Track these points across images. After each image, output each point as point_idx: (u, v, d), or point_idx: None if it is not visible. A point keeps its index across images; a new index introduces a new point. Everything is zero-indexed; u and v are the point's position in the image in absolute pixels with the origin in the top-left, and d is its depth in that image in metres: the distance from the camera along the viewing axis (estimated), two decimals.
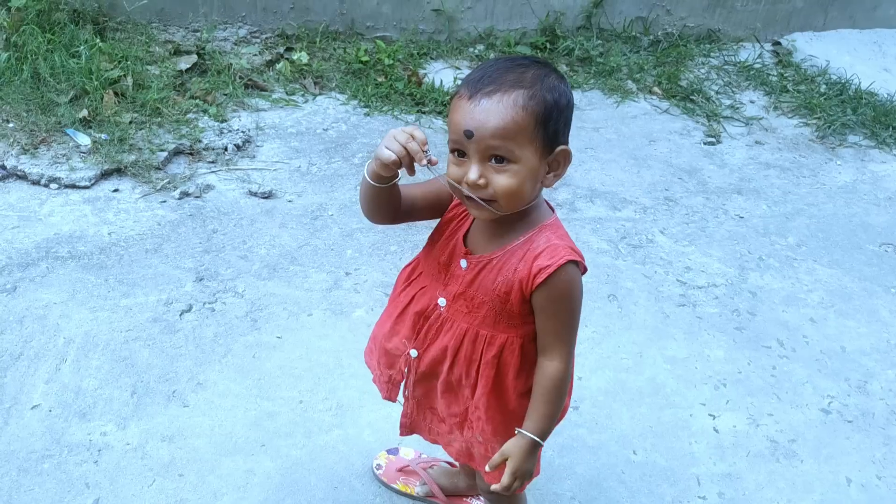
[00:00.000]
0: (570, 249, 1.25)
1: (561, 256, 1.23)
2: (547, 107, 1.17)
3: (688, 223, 3.05)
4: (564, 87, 1.21)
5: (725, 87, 4.14)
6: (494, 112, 1.15)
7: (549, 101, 1.17)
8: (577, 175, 3.24)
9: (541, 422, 1.33)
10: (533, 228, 1.28)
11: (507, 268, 1.27)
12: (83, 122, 2.82)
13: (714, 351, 2.43)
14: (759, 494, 2.01)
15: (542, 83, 1.17)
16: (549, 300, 1.26)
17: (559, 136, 1.21)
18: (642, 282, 2.68)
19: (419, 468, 1.84)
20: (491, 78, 1.17)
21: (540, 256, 1.24)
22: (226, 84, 3.26)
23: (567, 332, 1.31)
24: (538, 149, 1.18)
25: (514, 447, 1.33)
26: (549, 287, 1.24)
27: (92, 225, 2.50)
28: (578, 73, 4.01)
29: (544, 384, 1.32)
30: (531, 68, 1.19)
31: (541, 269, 1.23)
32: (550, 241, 1.26)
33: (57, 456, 1.80)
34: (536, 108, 1.16)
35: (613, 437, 2.09)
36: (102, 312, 2.19)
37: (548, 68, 1.21)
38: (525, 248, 1.26)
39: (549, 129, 1.18)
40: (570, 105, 1.22)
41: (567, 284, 1.25)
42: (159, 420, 1.92)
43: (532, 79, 1.17)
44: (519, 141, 1.16)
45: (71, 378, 1.99)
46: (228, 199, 2.73)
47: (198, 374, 2.06)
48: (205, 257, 2.45)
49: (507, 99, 1.15)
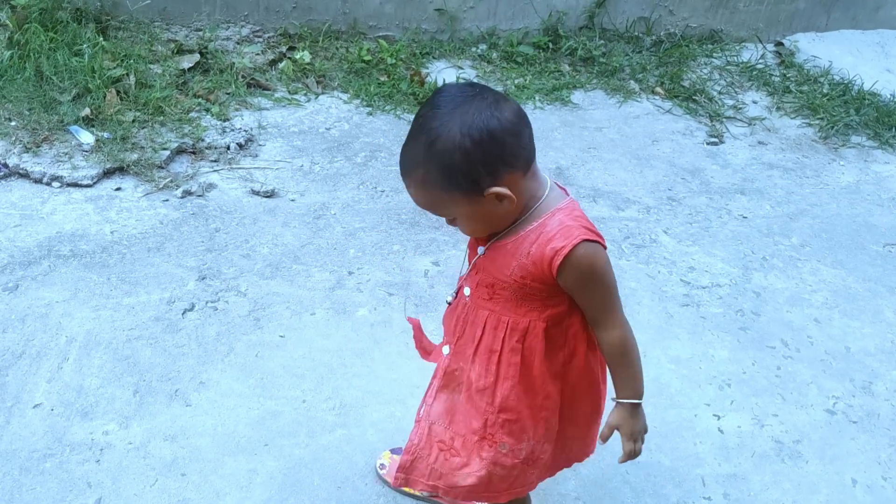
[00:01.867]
0: (585, 229, 1.27)
1: (575, 237, 1.25)
2: (443, 174, 1.21)
3: (691, 223, 3.04)
4: (455, 141, 1.19)
5: (728, 88, 4.13)
6: (414, 196, 1.28)
7: (440, 169, 1.21)
8: (581, 175, 3.23)
9: (629, 384, 1.39)
10: (545, 213, 1.29)
11: (520, 252, 1.30)
12: (86, 121, 2.81)
13: (718, 351, 2.42)
14: (764, 495, 2.00)
15: (430, 152, 1.21)
16: (577, 279, 1.28)
17: (480, 182, 1.21)
18: (646, 282, 2.67)
19: None
20: (401, 163, 1.27)
21: (554, 239, 1.26)
22: (228, 83, 3.25)
23: (609, 301, 1.34)
24: (465, 200, 1.24)
25: (619, 417, 1.40)
26: (570, 267, 1.26)
27: (94, 223, 2.49)
28: (581, 72, 4.00)
29: (613, 354, 1.37)
30: (421, 135, 1.21)
31: (556, 251, 1.25)
32: (563, 223, 1.27)
33: (59, 455, 1.79)
34: (434, 184, 1.23)
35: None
36: (105, 311, 2.18)
37: (438, 126, 1.20)
38: (538, 232, 1.28)
39: (462, 185, 1.22)
40: (469, 153, 1.19)
41: (589, 260, 1.26)
42: (162, 419, 1.91)
43: (424, 151, 1.21)
44: (443, 207, 1.27)
45: (73, 377, 1.98)
46: (231, 197, 2.73)
47: (200, 373, 2.05)
48: (207, 256, 2.44)
49: (414, 185, 1.26)
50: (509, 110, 1.22)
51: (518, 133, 1.22)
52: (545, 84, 3.83)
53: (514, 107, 1.23)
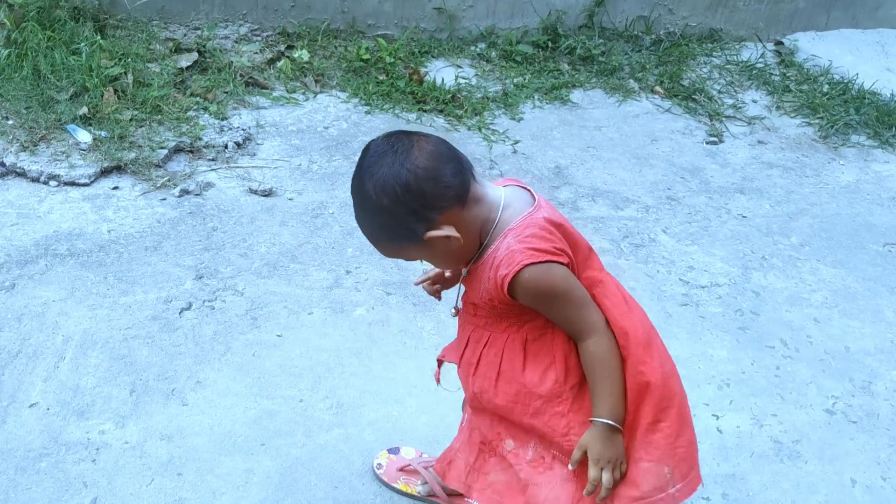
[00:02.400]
0: (529, 251, 1.24)
1: (517, 262, 1.24)
2: (381, 231, 1.27)
3: (690, 222, 3.03)
4: (375, 198, 1.21)
5: (728, 87, 4.12)
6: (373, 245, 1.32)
7: (378, 226, 1.26)
8: (580, 174, 3.23)
9: (604, 402, 1.32)
10: (499, 236, 1.29)
11: (483, 276, 1.31)
12: (83, 120, 2.80)
13: (717, 351, 2.42)
14: (763, 495, 1.99)
15: (362, 214, 1.27)
16: (533, 300, 1.29)
17: (415, 231, 1.23)
18: (645, 281, 2.66)
19: (420, 467, 1.82)
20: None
21: (500, 266, 1.26)
22: (226, 82, 3.24)
23: (577, 312, 1.31)
24: (414, 247, 1.27)
25: (588, 437, 1.33)
26: (520, 292, 1.27)
27: (91, 222, 2.49)
28: (580, 71, 4.00)
29: (589, 364, 1.34)
30: (356, 198, 1.26)
31: (502, 278, 1.26)
32: (510, 247, 1.26)
33: (55, 454, 1.79)
34: (380, 238, 1.29)
35: None
36: (101, 310, 2.17)
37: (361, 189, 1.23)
38: (492, 258, 1.29)
39: (402, 235, 1.25)
40: (391, 211, 1.21)
41: (534, 283, 1.25)
42: (158, 419, 1.91)
43: (360, 215, 1.27)
44: (401, 254, 1.32)
45: (69, 376, 1.98)
46: (228, 196, 2.72)
47: (197, 372, 2.04)
48: (204, 255, 2.43)
49: (370, 242, 1.31)
50: (423, 155, 1.21)
51: (436, 176, 1.21)
52: (544, 83, 3.82)
53: (428, 148, 1.22)
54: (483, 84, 3.73)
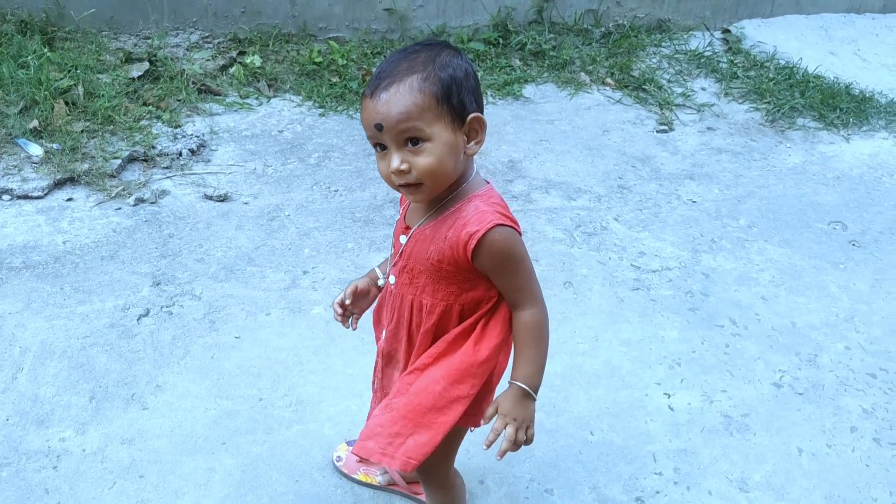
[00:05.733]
0: (499, 214, 1.29)
1: (489, 221, 1.27)
2: (443, 83, 1.24)
3: (641, 209, 3.10)
4: (459, 60, 1.27)
5: (677, 76, 4.21)
6: (395, 101, 1.23)
7: (443, 77, 1.24)
8: (533, 167, 3.29)
9: (525, 369, 1.36)
10: (463, 199, 1.32)
11: (438, 236, 1.33)
12: (34, 133, 2.80)
13: (668, 332, 2.49)
14: (713, 468, 2.06)
15: (434, 63, 1.24)
16: (493, 262, 1.31)
17: (466, 105, 1.26)
18: (597, 268, 2.73)
19: None
20: (386, 72, 1.25)
21: (469, 223, 1.28)
22: (179, 90, 3.26)
23: (525, 282, 1.35)
24: (448, 123, 1.24)
25: (503, 396, 1.36)
26: (485, 250, 1.29)
27: (46, 234, 2.50)
28: (532, 66, 4.06)
29: (520, 331, 1.36)
30: (422, 52, 1.26)
31: (470, 235, 1.28)
32: (479, 208, 1.30)
33: (15, 464, 1.80)
34: (433, 88, 1.23)
35: (571, 420, 2.13)
36: (58, 320, 2.19)
37: (439, 47, 1.28)
38: (455, 217, 1.31)
39: (453, 102, 1.24)
40: (468, 75, 1.27)
41: (502, 243, 1.29)
42: (118, 423, 1.93)
43: (424, 61, 1.25)
44: (426, 119, 1.23)
45: (28, 386, 1.99)
46: (184, 203, 2.74)
47: (157, 376, 2.07)
48: (161, 262, 2.46)
49: (404, 87, 1.23)
50: None
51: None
52: (497, 79, 3.88)
53: None
54: None
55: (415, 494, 1.85)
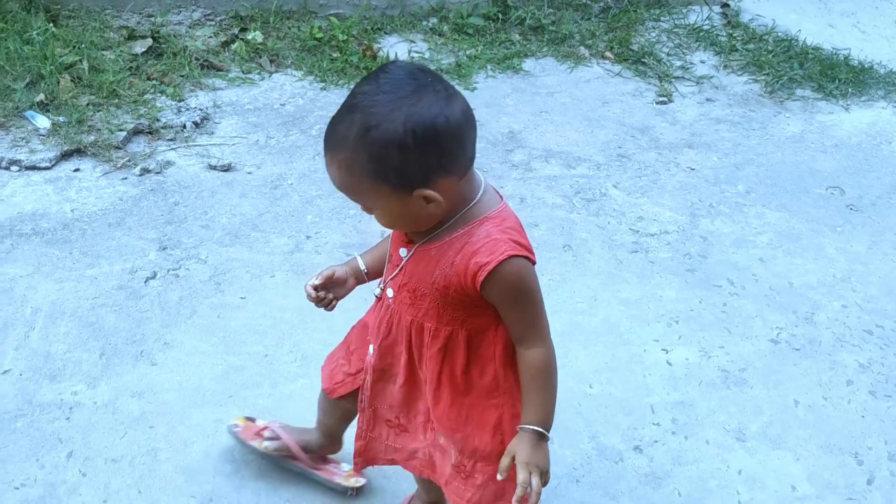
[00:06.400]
0: (513, 244, 1.19)
1: (501, 252, 1.17)
2: (374, 165, 1.11)
3: (640, 177, 3.14)
4: (402, 131, 1.09)
5: (676, 49, 4.23)
6: (331, 175, 1.18)
7: (375, 157, 1.11)
8: (533, 137, 3.32)
9: (538, 411, 1.28)
10: (473, 220, 1.22)
11: (444, 260, 1.23)
12: (41, 106, 2.85)
13: (666, 292, 2.53)
14: (710, 419, 2.10)
15: (363, 138, 1.10)
16: (503, 295, 1.22)
17: (409, 178, 1.13)
18: (596, 232, 2.76)
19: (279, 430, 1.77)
20: (327, 134, 1.16)
21: (478, 253, 1.19)
22: (182, 66, 3.30)
23: (534, 318, 1.27)
24: (390, 195, 1.15)
25: (517, 443, 1.28)
26: (495, 283, 1.19)
27: (54, 203, 2.55)
28: (531, 41, 4.09)
29: (531, 373, 1.29)
30: (358, 115, 1.11)
31: (480, 266, 1.18)
32: (491, 235, 1.19)
33: (29, 415, 1.86)
34: (362, 169, 1.12)
35: (570, 374, 2.18)
36: (68, 283, 2.24)
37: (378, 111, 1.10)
38: (463, 242, 1.21)
39: (391, 179, 1.13)
40: (408, 149, 1.10)
41: (515, 277, 1.20)
42: (128, 378, 1.98)
43: (357, 136, 1.10)
44: (361, 194, 1.18)
45: (40, 344, 2.04)
46: (189, 173, 2.78)
47: (164, 335, 2.12)
48: (167, 228, 2.50)
49: (334, 164, 1.16)
50: (459, 109, 1.13)
51: (463, 137, 1.14)
52: (496, 54, 3.91)
53: (463, 105, 1.14)
54: (436, 57, 3.81)
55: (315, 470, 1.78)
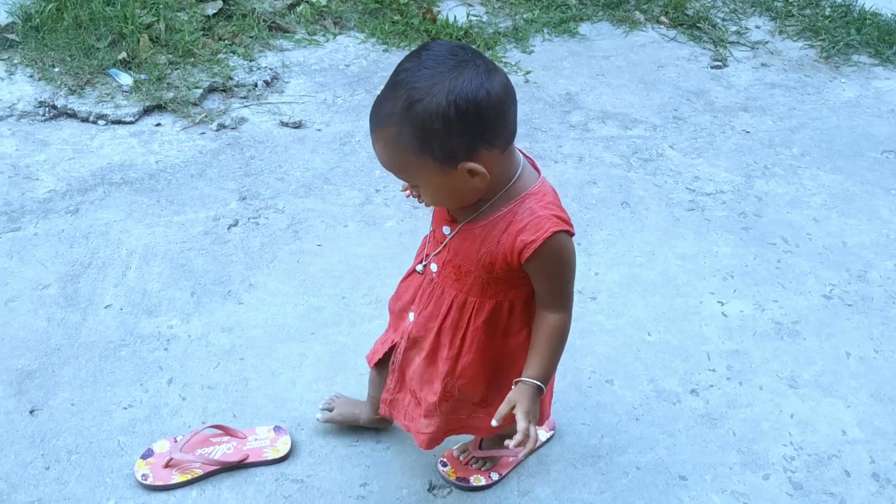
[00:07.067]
0: (556, 219, 1.25)
1: (546, 229, 1.23)
2: (420, 139, 1.14)
3: (696, 139, 3.20)
4: (442, 104, 1.12)
5: (731, 15, 4.25)
6: (378, 152, 1.22)
7: (420, 130, 1.13)
8: (589, 99, 3.39)
9: (542, 368, 1.34)
10: (515, 198, 1.27)
11: (490, 239, 1.28)
12: (123, 64, 3.01)
13: (722, 248, 2.61)
14: (764, 367, 2.19)
15: (408, 112, 1.13)
16: (542, 268, 1.28)
17: (456, 152, 1.16)
18: (653, 190, 2.85)
19: (183, 455, 1.72)
20: (372, 112, 1.19)
21: (524, 231, 1.24)
22: (251, 27, 3.43)
23: (565, 288, 1.34)
24: (437, 169, 1.18)
25: (518, 394, 1.32)
26: (538, 258, 1.25)
27: (140, 155, 2.70)
28: (587, 6, 4.14)
29: (546, 332, 1.34)
30: (402, 91, 1.14)
31: (525, 244, 1.24)
32: (535, 212, 1.25)
33: (132, 345, 2.02)
34: (407, 144, 1.15)
35: (629, 322, 2.28)
36: (158, 228, 2.40)
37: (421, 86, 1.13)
38: (508, 220, 1.26)
39: (436, 152, 1.15)
40: (451, 121, 1.13)
41: (556, 252, 1.26)
42: (218, 315, 2.13)
43: (402, 111, 1.14)
44: (409, 171, 1.22)
45: (136, 282, 2.21)
46: (262, 129, 2.92)
47: (249, 277, 2.27)
48: (245, 180, 2.65)
49: (381, 141, 1.19)
50: (499, 83, 1.15)
51: (504, 111, 1.17)
52: (553, 17, 3.97)
53: (503, 80, 1.17)
54: (494, 21, 3.88)
55: None
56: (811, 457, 1.95)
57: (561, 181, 2.82)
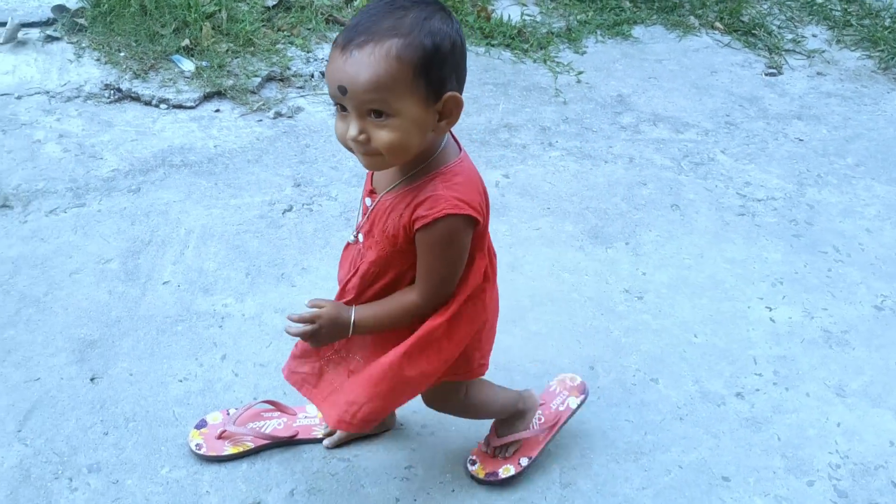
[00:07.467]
0: (456, 201, 1.22)
1: (440, 209, 1.21)
2: (426, 53, 1.11)
3: (748, 144, 3.18)
4: (449, 28, 1.14)
5: (788, 22, 4.21)
6: (366, 65, 1.10)
7: (428, 46, 1.11)
8: (641, 102, 3.39)
9: (366, 317, 1.35)
10: (428, 174, 1.25)
11: (395, 212, 1.27)
12: (186, 51, 3.09)
13: (772, 254, 2.59)
14: (812, 374, 2.18)
15: (420, 28, 1.11)
16: (423, 244, 1.27)
17: (446, 82, 1.16)
18: (703, 194, 2.84)
19: (235, 427, 1.77)
20: (364, 26, 1.12)
21: (421, 205, 1.23)
22: (309, 19, 3.49)
23: (434, 274, 1.31)
24: (420, 98, 1.14)
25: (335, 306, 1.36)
26: (423, 235, 1.25)
27: (199, 139, 2.78)
28: (641, 9, 4.13)
29: (397, 303, 1.35)
30: (411, 11, 1.12)
31: (417, 218, 1.23)
32: (436, 190, 1.23)
33: (188, 321, 2.08)
34: (413, 56, 1.10)
35: (676, 323, 2.28)
36: (215, 209, 2.46)
37: (431, 8, 1.14)
38: (413, 195, 1.25)
39: (432, 76, 1.13)
40: (455, 48, 1.15)
41: (443, 235, 1.24)
42: (272, 296, 2.19)
43: (410, 24, 1.11)
44: (396, 93, 1.12)
45: (194, 261, 2.27)
46: (317, 119, 2.98)
47: (301, 261, 2.32)
48: (300, 167, 2.70)
49: (380, 50, 1.10)
50: None
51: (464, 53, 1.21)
52: (606, 19, 3.97)
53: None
54: (547, 21, 3.90)
55: None
56: (857, 466, 1.93)
57: (611, 181, 2.83)
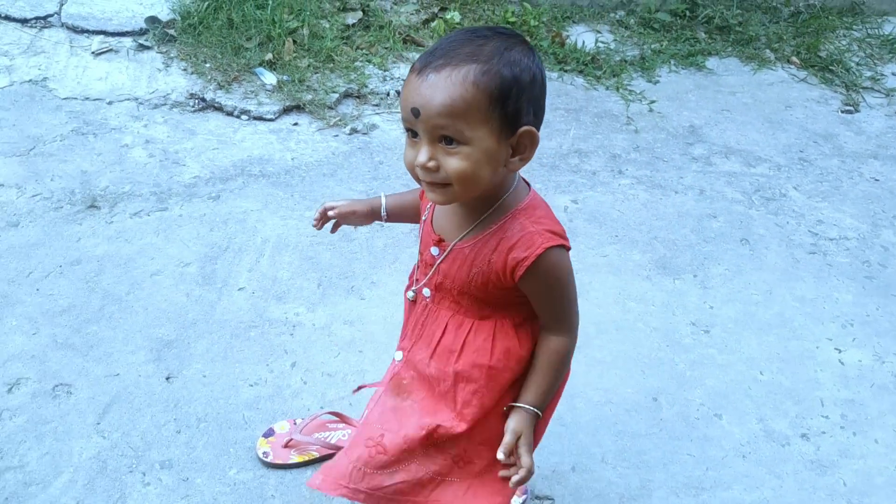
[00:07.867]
0: (548, 234, 1.19)
1: (538, 245, 1.17)
2: (504, 83, 1.07)
3: (821, 182, 3.14)
4: (530, 61, 1.11)
5: (867, 60, 4.14)
6: (442, 88, 1.06)
7: (506, 76, 1.08)
8: (713, 133, 3.38)
9: (541, 395, 1.29)
10: (505, 214, 1.21)
11: (480, 259, 1.22)
12: (268, 64, 3.19)
13: (843, 295, 2.55)
14: (881, 420, 2.14)
15: (500, 57, 1.08)
16: (538, 287, 1.22)
17: (521, 115, 1.11)
18: (774, 230, 2.81)
19: (302, 437, 1.80)
20: (443, 51, 1.09)
21: (515, 248, 1.18)
22: (387, 38, 3.57)
23: (566, 308, 1.27)
24: (494, 130, 1.09)
25: (521, 423, 1.27)
26: (532, 276, 1.19)
27: (277, 151, 2.86)
28: (717, 40, 4.11)
29: (549, 357, 1.28)
30: (492, 41, 1.10)
31: (517, 261, 1.18)
32: (525, 228, 1.19)
33: (260, 327, 2.15)
34: (491, 85, 1.07)
35: (741, 359, 2.26)
36: (290, 220, 2.54)
37: (513, 40, 1.12)
38: (498, 238, 1.20)
39: (508, 107, 1.09)
40: (535, 82, 1.11)
41: (551, 269, 1.20)
42: (341, 308, 2.24)
43: (490, 52, 1.08)
44: (470, 121, 1.08)
45: (268, 269, 2.34)
46: (391, 137, 3.04)
47: (371, 274, 2.37)
48: (373, 183, 2.76)
49: (457, 74, 1.06)
50: None
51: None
52: (680, 50, 3.97)
53: None
54: (621, 49, 3.91)
55: None
56: None
57: (680, 212, 2.83)
